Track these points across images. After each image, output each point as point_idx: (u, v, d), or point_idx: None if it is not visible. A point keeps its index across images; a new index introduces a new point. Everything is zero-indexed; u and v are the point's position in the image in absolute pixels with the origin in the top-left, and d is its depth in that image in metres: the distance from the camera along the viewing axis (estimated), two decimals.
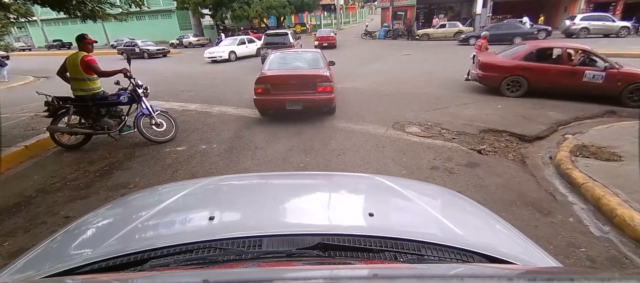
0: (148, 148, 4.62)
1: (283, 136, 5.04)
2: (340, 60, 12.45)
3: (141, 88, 4.52)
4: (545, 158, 4.27)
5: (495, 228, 1.08)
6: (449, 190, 1.51)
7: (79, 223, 1.08)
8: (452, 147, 4.36)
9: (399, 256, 0.76)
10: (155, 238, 0.90)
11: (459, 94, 7.43)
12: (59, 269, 0.76)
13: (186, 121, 6.07)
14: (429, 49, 17.20)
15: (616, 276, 0.56)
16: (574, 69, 6.46)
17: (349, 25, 43.29)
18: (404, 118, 5.72)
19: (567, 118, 5.68)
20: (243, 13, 25.26)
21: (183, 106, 7.29)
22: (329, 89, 5.36)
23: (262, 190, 1.35)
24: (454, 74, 9.60)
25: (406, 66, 12.10)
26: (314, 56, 6.28)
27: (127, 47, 21.75)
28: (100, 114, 4.42)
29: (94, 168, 4.06)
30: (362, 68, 11.97)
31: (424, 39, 21.46)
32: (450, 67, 11.07)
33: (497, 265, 0.76)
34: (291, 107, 5.39)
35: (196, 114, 6.57)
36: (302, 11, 33.10)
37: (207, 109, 6.91)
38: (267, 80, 5.42)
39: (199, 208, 1.17)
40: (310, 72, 5.59)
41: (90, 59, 4.15)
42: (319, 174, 2.36)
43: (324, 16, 39.30)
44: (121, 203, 1.35)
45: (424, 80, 9.18)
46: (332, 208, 1.15)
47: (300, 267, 0.71)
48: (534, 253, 0.92)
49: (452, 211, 1.21)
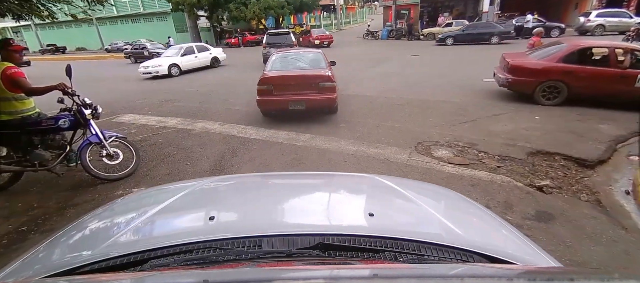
0: (95, 190, 3.54)
1: (277, 165, 4.03)
2: (343, 62, 11.49)
3: (89, 108, 3.45)
4: (620, 193, 3.29)
5: (495, 228, 1.08)
6: (449, 190, 1.47)
7: (78, 224, 1.09)
8: (502, 182, 3.35)
9: (399, 256, 0.76)
10: (155, 238, 0.89)
11: (484, 102, 6.43)
12: (59, 269, 0.76)
13: (158, 143, 5.05)
14: (437, 50, 16.20)
15: (616, 276, 0.53)
16: (624, 73, 5.46)
17: (349, 25, 42.34)
18: (428, 136, 4.72)
19: (624, 133, 4.68)
20: (240, 14, 24.29)
21: (160, 122, 6.28)
22: (331, 89, 5.27)
23: (262, 190, 1.34)
24: (472, 77, 8.61)
25: (416, 68, 11.09)
26: (315, 56, 6.18)
27: (136, 51, 19.90)
28: (32, 144, 3.35)
29: (3, 229, 2.89)
30: (367, 71, 10.97)
31: (429, 39, 20.43)
32: (466, 69, 10.07)
33: (497, 265, 0.76)
34: (294, 107, 5.29)
35: (171, 134, 5.49)
36: (301, 12, 32.19)
37: (188, 126, 5.86)
38: (270, 81, 5.34)
39: (199, 208, 1.15)
40: (312, 72, 5.49)
41: (14, 72, 3.07)
42: (319, 175, 2.29)
43: (323, 17, 38.37)
44: (121, 203, 1.30)
45: (440, 85, 8.17)
46: (332, 208, 1.14)
47: (300, 267, 0.70)
48: (534, 253, 0.91)
49: (452, 211, 1.19)
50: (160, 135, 5.44)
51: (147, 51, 19.05)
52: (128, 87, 11.13)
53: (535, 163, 3.82)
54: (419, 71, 10.42)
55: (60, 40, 38.00)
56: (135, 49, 20.16)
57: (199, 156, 4.42)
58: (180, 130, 5.64)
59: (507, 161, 3.86)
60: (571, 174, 3.64)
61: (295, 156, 4.27)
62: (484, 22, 19.67)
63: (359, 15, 49.05)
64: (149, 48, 19.28)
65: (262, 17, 25.74)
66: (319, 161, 4.11)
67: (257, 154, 4.40)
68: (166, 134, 5.45)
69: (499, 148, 4.21)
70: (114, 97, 9.12)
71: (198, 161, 4.23)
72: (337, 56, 9.49)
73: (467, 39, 17.84)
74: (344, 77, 9.26)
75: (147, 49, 19.20)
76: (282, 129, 5.27)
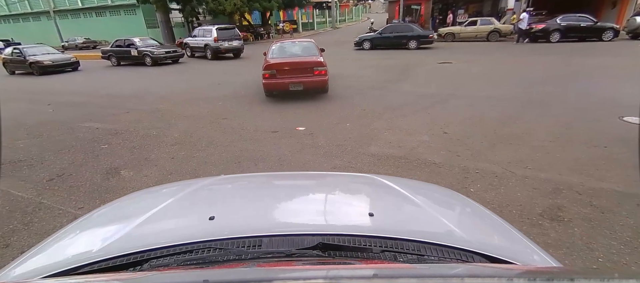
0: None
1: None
2: (349, 73, 7.71)
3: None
4: None
5: (495, 227, 1.06)
6: (449, 190, 1.44)
7: (78, 223, 1.07)
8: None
9: (399, 256, 0.76)
10: (155, 238, 0.85)
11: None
12: (59, 269, 0.75)
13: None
14: (468, 52, 12.52)
15: (616, 276, 0.50)
16: None
17: (345, 23, 38.55)
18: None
19: None
20: (218, 7, 20.18)
21: None
22: (323, 73, 6.35)
23: (262, 190, 1.32)
24: (589, 110, 4.94)
25: (465, 85, 7.36)
26: (308, 45, 7.29)
27: (119, 48, 14.82)
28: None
29: None
30: (390, 92, 7.21)
31: (448, 40, 16.83)
32: (550, 89, 6.40)
33: (497, 265, 0.75)
34: (293, 88, 6.30)
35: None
36: (292, 7, 28.27)
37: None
38: (274, 66, 6.30)
39: (199, 208, 1.13)
40: (309, 59, 6.54)
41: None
42: (319, 174, 2.20)
43: (316, 14, 34.49)
44: (121, 203, 1.27)
45: (551, 132, 4.39)
46: (332, 208, 1.13)
47: (300, 267, 0.70)
48: (534, 253, 0.90)
49: (452, 211, 1.17)
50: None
51: (136, 48, 14.35)
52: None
53: None
54: (473, 95, 6.65)
55: (16, 35, 33.05)
56: (119, 47, 14.92)
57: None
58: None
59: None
60: None
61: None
62: (402, 24, 16.81)
63: (355, 13, 45.31)
64: (137, 45, 14.44)
65: (245, 11, 21.67)
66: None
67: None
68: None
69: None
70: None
71: None
72: (341, 65, 5.79)
73: (384, 43, 15.26)
74: (358, 110, 5.49)
75: (135, 46, 14.41)
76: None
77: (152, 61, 13.98)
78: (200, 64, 14.26)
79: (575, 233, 2.35)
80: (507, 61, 10.50)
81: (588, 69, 8.40)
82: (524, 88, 6.73)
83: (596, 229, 2.38)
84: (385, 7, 67.00)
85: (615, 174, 3.15)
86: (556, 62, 9.66)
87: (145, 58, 14.04)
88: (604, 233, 2.33)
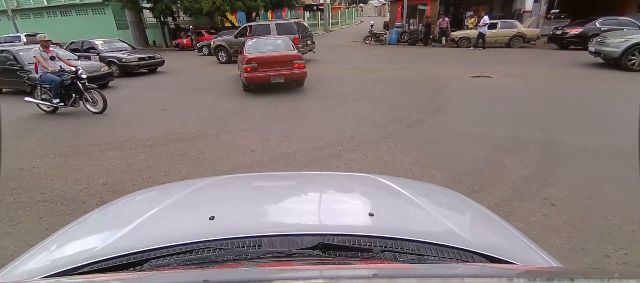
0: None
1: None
2: (355, 93, 5.22)
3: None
4: None
5: (495, 228, 1.06)
6: (449, 190, 1.42)
7: (78, 223, 1.06)
8: None
9: (399, 256, 0.75)
10: (155, 238, 0.83)
11: None
12: (59, 269, 0.74)
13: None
14: (498, 61, 10.05)
15: (616, 276, 0.48)
16: None
17: (337, 27, 36.10)
18: None
19: None
20: (193, 5, 17.39)
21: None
22: (302, 66, 6.87)
23: (262, 190, 1.32)
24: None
25: (544, 118, 4.83)
26: (284, 40, 7.91)
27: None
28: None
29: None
30: (435, 134, 4.63)
31: (463, 46, 14.46)
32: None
33: (497, 265, 0.74)
34: (275, 80, 6.70)
35: None
36: (281, 8, 25.67)
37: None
38: (255, 60, 6.64)
39: (199, 207, 1.12)
40: (289, 53, 7.08)
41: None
42: (319, 174, 2.20)
43: (306, 17, 31.97)
44: (121, 203, 1.25)
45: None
46: (332, 208, 1.11)
47: (300, 267, 0.68)
48: (534, 253, 0.89)
49: (453, 211, 1.16)
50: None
51: (97, 52, 11.29)
52: None
53: None
54: (596, 137, 4.13)
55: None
56: (74, 50, 11.33)
57: None
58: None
59: None
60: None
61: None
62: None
63: (348, 16, 42.99)
64: (99, 49, 11.47)
65: (226, 10, 18.90)
66: None
67: None
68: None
69: None
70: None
71: None
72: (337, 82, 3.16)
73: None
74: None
75: (96, 50, 11.42)
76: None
77: (120, 71, 10.73)
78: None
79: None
80: (561, 76, 8.08)
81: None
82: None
83: None
84: (377, 10, 64.97)
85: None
86: (630, 78, 7.29)
87: (111, 67, 10.43)
88: None
